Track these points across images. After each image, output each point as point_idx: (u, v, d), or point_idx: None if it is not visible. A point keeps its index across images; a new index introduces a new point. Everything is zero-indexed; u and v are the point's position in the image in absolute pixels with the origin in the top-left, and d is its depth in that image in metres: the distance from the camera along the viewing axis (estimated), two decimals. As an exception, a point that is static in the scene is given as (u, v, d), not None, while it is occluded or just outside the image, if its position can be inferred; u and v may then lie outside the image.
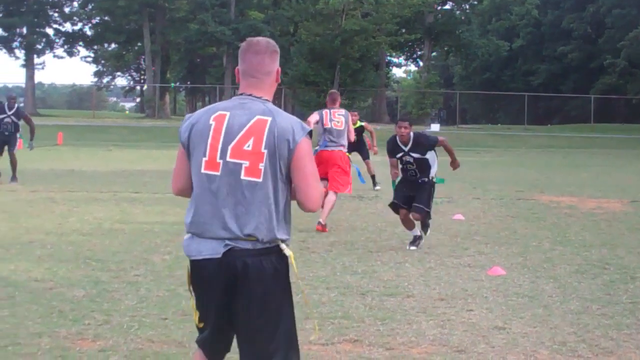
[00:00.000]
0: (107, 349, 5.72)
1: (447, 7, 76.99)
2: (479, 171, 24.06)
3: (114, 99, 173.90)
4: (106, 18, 76.37)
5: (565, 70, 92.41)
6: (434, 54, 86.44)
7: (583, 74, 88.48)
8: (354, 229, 11.34)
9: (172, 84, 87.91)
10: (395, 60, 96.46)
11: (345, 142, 12.31)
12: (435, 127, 54.02)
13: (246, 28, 69.16)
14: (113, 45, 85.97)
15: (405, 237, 10.46)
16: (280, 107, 48.72)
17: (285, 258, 3.66)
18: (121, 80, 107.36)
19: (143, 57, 78.54)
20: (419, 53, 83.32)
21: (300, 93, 64.63)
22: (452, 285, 7.76)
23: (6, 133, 17.19)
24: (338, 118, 12.60)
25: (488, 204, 14.88)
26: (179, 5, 72.42)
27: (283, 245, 3.64)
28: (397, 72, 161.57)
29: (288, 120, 3.68)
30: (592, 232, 11.54)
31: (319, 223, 11.30)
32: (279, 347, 3.65)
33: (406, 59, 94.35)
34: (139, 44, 77.75)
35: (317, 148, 11.98)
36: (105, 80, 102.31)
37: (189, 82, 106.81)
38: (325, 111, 12.76)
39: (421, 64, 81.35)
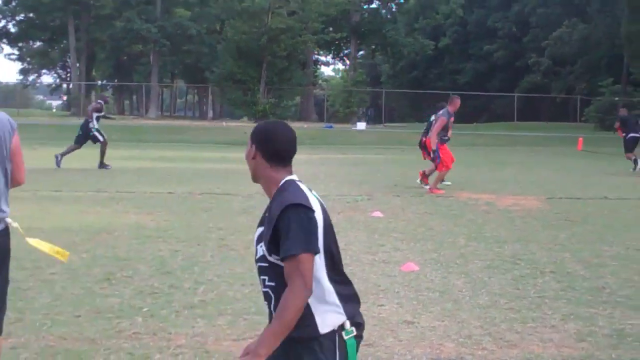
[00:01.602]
0: (18, 346, 5.76)
1: (373, 5, 77.41)
2: (401, 169, 24.28)
3: (41, 97, 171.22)
4: (30, 15, 75.27)
5: (491, 69, 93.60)
6: (360, 52, 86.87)
7: (508, 72, 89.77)
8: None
9: (98, 82, 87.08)
10: (323, 58, 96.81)
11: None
12: (361, 126, 54.35)
13: (172, 26, 68.92)
14: (38, 43, 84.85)
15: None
16: (207, 105, 48.82)
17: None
18: (47, 78, 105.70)
19: (69, 54, 77.54)
20: (345, 52, 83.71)
21: (227, 91, 64.45)
22: (365, 281, 7.91)
23: None
24: None
25: (407, 201, 15.09)
26: (104, 3, 71.71)
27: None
28: (326, 71, 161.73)
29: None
30: (507, 228, 11.81)
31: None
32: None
33: (333, 58, 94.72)
34: (64, 41, 76.79)
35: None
36: (31, 78, 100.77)
37: (116, 80, 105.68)
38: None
39: (348, 62, 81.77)
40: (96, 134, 22.23)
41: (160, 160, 26.77)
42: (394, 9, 76.38)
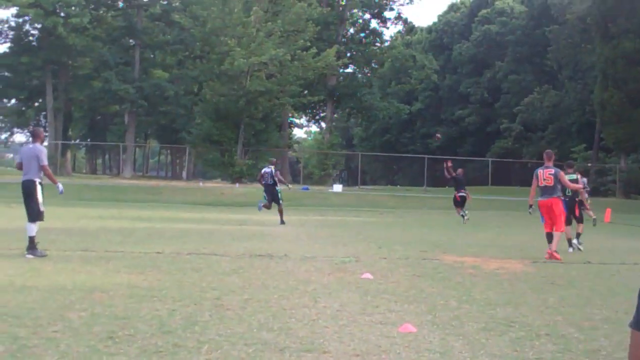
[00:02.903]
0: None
1: (350, 70, 78.15)
2: (383, 231, 24.45)
3: (11, 155, 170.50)
4: (7, 74, 75.05)
5: (462, 134, 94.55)
6: (335, 115, 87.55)
7: (480, 137, 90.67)
8: (266, 287, 11.43)
9: (74, 142, 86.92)
10: (297, 121, 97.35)
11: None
12: (337, 188, 54.56)
13: (150, 87, 69.19)
14: (13, 102, 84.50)
15: (317, 295, 10.66)
16: (184, 165, 48.85)
17: None
18: (20, 137, 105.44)
19: (44, 113, 77.29)
20: (321, 114, 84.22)
21: (203, 152, 64.55)
22: (365, 342, 7.94)
23: None
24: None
25: (394, 263, 15.16)
26: (83, 63, 71.86)
27: None
28: (298, 133, 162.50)
29: None
30: (496, 291, 11.89)
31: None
32: None
33: (309, 120, 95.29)
34: (41, 100, 76.59)
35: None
36: (3, 136, 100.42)
37: (89, 140, 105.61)
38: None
39: (323, 125, 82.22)
40: None
41: (139, 220, 26.70)
42: (369, 74, 77.05)
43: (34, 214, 14.86)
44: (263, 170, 29.21)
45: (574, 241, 19.69)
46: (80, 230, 21.21)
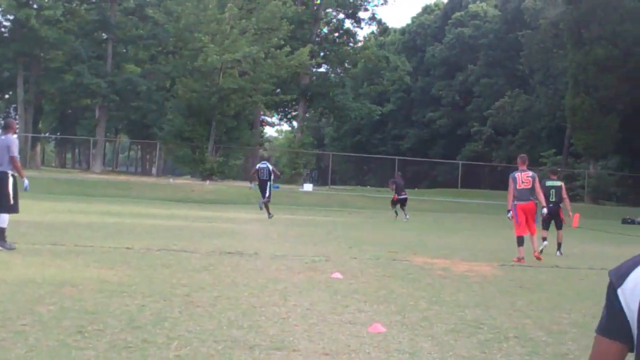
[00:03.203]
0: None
1: (323, 69, 78.16)
2: (353, 231, 24.52)
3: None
4: (-24, 66, 74.50)
5: (433, 136, 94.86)
6: (307, 114, 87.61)
7: (451, 139, 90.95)
8: (236, 285, 11.42)
9: (42, 135, 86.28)
10: (268, 119, 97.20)
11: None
12: (308, 187, 54.56)
13: (122, 81, 68.81)
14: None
15: (287, 293, 10.68)
16: (154, 161, 48.84)
17: None
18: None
19: (14, 105, 76.59)
20: (293, 113, 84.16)
21: (174, 148, 64.34)
22: (335, 341, 7.96)
23: None
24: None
25: (365, 263, 15.20)
26: (55, 56, 71.30)
27: None
28: (270, 131, 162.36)
29: None
30: (466, 293, 11.96)
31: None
32: None
33: (280, 119, 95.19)
34: (11, 92, 75.90)
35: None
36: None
37: (58, 133, 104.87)
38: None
39: (295, 124, 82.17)
40: None
41: (109, 215, 26.61)
42: (342, 74, 77.10)
43: (6, 206, 14.69)
44: (258, 166, 30.21)
45: (557, 253, 19.79)
46: (49, 224, 21.08)
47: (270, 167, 30.03)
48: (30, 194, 38.46)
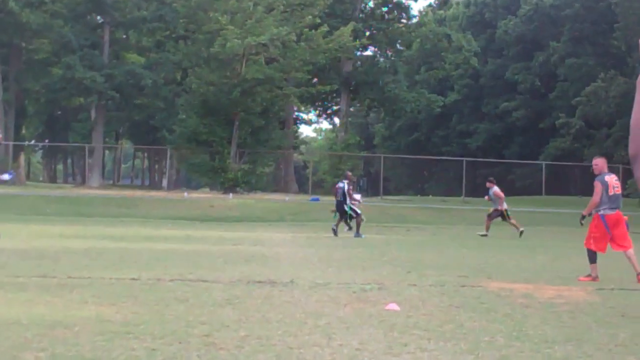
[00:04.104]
0: None
1: (369, 52, 78.08)
2: (411, 252, 24.46)
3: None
4: (-55, 59, 75.06)
5: (509, 131, 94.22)
6: (352, 109, 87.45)
7: (531, 135, 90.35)
8: (267, 321, 11.42)
9: (28, 143, 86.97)
10: (304, 116, 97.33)
11: None
12: (357, 197, 54.45)
13: (123, 74, 69.02)
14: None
15: (332, 331, 10.65)
16: (164, 171, 49.19)
17: None
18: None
19: (-8, 108, 77.09)
20: (334, 108, 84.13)
21: (188, 155, 64.56)
22: (393, 389, 7.94)
23: None
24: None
25: (426, 291, 15.14)
26: (39, 46, 71.92)
27: None
28: (306, 131, 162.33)
29: None
30: (553, 325, 11.85)
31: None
32: None
33: (319, 115, 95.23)
34: (-13, 91, 76.46)
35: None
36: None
37: (47, 140, 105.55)
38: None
39: (337, 121, 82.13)
40: None
41: (111, 239, 26.78)
42: (393, 57, 76.94)
43: None
44: (337, 185, 33.22)
45: None
46: (37, 251, 21.24)
47: (346, 187, 32.40)
48: (13, 216, 38.94)
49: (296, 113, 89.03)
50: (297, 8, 58.42)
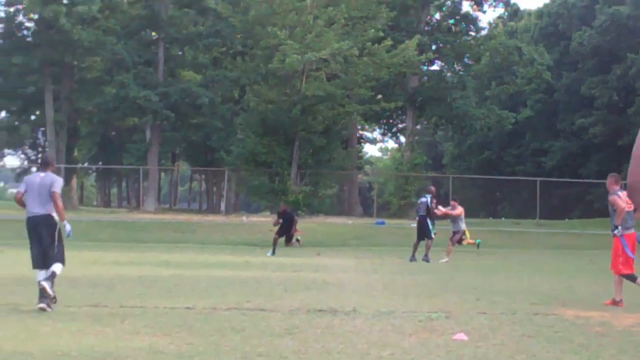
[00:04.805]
0: None
1: (436, 67, 77.86)
2: (481, 278, 24.33)
3: (2, 183, 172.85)
4: (-5, 79, 75.60)
5: (585, 149, 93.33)
6: (418, 126, 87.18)
7: (609, 153, 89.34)
8: (328, 353, 11.42)
9: (82, 165, 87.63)
10: (368, 134, 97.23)
11: None
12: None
13: (178, 92, 69.23)
14: (3, 114, 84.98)
15: (396, 362, 10.62)
16: (222, 191, 49.40)
17: None
18: (12, 160, 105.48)
19: (43, 129, 77.43)
20: (400, 126, 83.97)
21: (247, 177, 64.68)
22: None
23: None
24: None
25: (497, 320, 15.05)
26: (92, 64, 72.43)
27: None
28: (370, 150, 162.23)
29: None
30: (632, 355, 11.74)
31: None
32: None
33: (384, 134, 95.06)
34: (38, 112, 76.82)
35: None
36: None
37: (100, 162, 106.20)
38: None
39: (403, 139, 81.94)
40: None
41: (165, 266, 26.95)
42: (461, 72, 76.64)
43: (60, 256, 15.93)
44: (420, 200, 33.58)
45: None
46: (89, 279, 21.46)
47: (429, 202, 32.86)
48: (66, 242, 39.21)
49: (360, 131, 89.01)
50: (359, 21, 58.45)
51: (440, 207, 33.79)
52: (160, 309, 15.51)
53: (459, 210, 34.26)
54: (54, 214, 15.70)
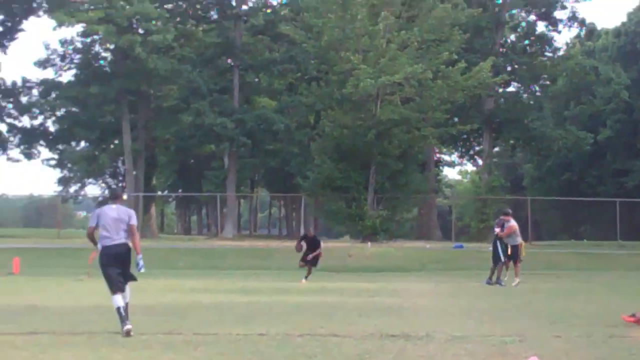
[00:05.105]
0: None
1: (512, 88, 77.50)
2: (559, 301, 24.15)
3: (84, 213, 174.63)
4: (74, 109, 76.48)
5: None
6: (496, 149, 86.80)
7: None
8: (399, 379, 11.41)
9: (160, 193, 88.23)
10: (447, 158, 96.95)
11: None
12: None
13: (254, 119, 69.63)
14: (83, 144, 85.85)
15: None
16: (300, 218, 49.67)
17: None
18: (93, 189, 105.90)
19: (122, 158, 78.14)
20: (476, 148, 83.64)
21: (324, 202, 64.76)
22: None
23: None
24: None
25: (572, 343, 14.92)
26: (168, 92, 73.10)
27: None
28: (450, 173, 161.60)
29: None
30: None
31: None
32: None
33: (461, 157, 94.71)
34: (116, 141, 77.57)
35: None
36: (72, 189, 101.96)
37: (180, 190, 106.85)
38: None
39: (480, 162, 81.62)
40: None
41: (243, 293, 27.07)
42: (538, 93, 76.20)
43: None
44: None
45: None
46: (164, 307, 21.64)
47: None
48: (144, 271, 39.65)
49: (438, 155, 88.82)
50: (432, 44, 58.41)
51: (496, 230, 33.58)
52: (234, 336, 15.57)
53: (510, 226, 33.60)
54: (130, 244, 16.33)
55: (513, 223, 32.79)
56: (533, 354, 13.29)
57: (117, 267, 16.19)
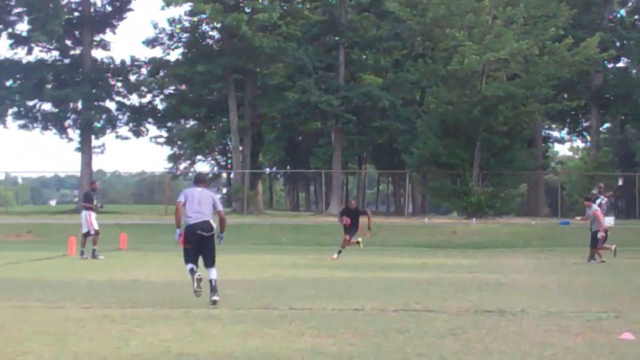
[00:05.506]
0: None
1: (621, 64, 76.21)
2: (662, 278, 23.85)
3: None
4: (182, 88, 77.27)
5: None
6: (605, 125, 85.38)
7: None
8: (489, 353, 11.35)
9: (266, 170, 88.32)
10: (556, 134, 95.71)
11: None
12: (609, 221, 53.12)
13: (359, 96, 69.50)
14: (191, 122, 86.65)
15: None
16: (405, 194, 49.34)
17: None
18: (202, 166, 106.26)
19: (229, 135, 78.44)
20: (584, 125, 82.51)
21: (429, 178, 64.54)
22: None
23: None
24: None
25: (670, 319, 14.75)
26: (274, 70, 73.30)
27: None
28: (561, 150, 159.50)
29: None
30: None
31: None
32: None
33: (568, 133, 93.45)
34: (224, 119, 78.01)
35: None
36: (181, 166, 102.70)
37: (288, 167, 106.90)
38: None
39: (588, 138, 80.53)
40: None
41: (342, 269, 27.13)
42: (648, 67, 74.87)
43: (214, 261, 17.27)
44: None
45: None
46: (263, 282, 21.84)
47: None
48: (249, 246, 40.03)
49: (547, 131, 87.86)
50: (539, 20, 57.66)
51: (576, 217, 33.56)
52: (329, 311, 15.69)
53: (592, 211, 32.78)
54: (213, 222, 17.25)
55: (595, 209, 32.54)
56: (627, 330, 13.16)
57: (196, 246, 17.11)
